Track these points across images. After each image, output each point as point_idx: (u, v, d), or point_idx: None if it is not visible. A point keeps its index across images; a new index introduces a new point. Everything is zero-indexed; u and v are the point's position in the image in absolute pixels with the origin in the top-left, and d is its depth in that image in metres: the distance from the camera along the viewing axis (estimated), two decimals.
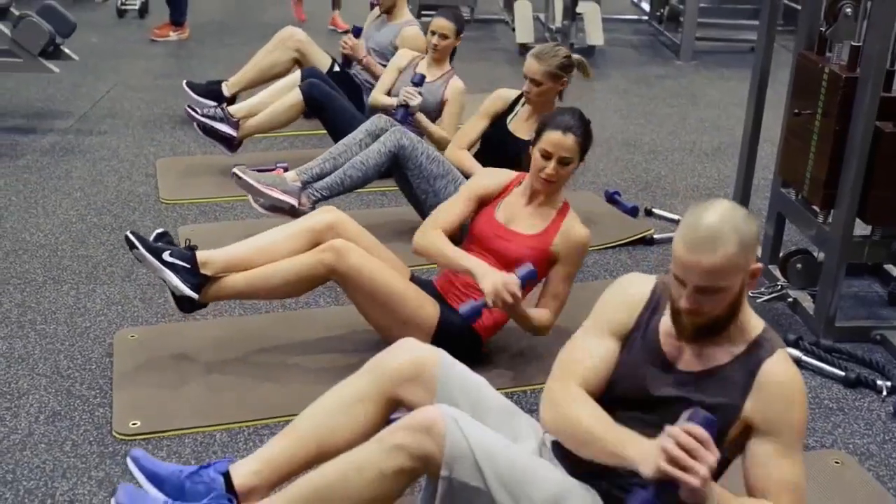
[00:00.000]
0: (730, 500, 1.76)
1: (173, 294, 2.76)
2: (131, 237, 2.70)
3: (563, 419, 1.83)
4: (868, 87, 2.88)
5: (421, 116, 4.07)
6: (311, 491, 1.87)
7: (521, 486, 1.81)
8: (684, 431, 1.62)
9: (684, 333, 1.83)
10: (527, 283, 2.65)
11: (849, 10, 2.98)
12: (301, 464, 2.05)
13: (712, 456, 1.62)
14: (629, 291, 1.96)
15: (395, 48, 4.56)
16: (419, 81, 4.07)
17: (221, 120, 4.26)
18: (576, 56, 3.60)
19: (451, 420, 1.81)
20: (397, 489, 1.86)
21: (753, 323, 1.87)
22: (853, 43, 2.99)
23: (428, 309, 2.76)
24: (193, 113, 4.25)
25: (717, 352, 1.84)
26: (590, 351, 1.92)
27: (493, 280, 2.60)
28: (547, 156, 2.75)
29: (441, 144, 3.98)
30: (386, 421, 2.03)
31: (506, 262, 2.76)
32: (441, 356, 2.07)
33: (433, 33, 4.14)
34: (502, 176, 2.97)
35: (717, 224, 1.71)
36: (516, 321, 2.78)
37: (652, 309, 1.92)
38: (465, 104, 4.15)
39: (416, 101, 3.99)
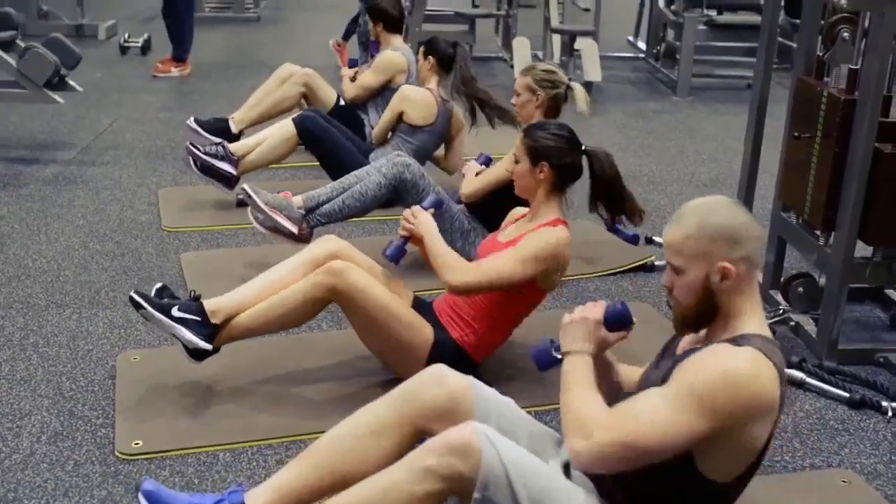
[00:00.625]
0: (578, 368, 1.85)
1: (185, 347, 2.72)
2: (136, 297, 2.66)
3: None
4: (867, 109, 2.91)
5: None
6: None
7: None
8: None
9: (673, 323, 1.89)
10: (437, 207, 2.93)
11: (846, 34, 3.02)
12: (318, 493, 1.99)
13: (591, 311, 1.92)
14: None
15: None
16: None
17: (222, 158, 4.26)
18: (573, 83, 3.62)
19: (485, 439, 1.78)
20: None
21: (749, 327, 1.82)
22: (851, 66, 3.03)
23: (423, 332, 2.77)
24: (195, 150, 4.22)
25: (701, 344, 1.87)
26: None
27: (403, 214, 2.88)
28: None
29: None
30: (411, 447, 1.95)
31: None
32: (473, 383, 2.05)
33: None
34: (519, 211, 3.04)
35: (692, 206, 1.83)
36: (430, 259, 2.79)
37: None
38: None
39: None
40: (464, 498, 1.79)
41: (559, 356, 1.95)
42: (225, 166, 4.26)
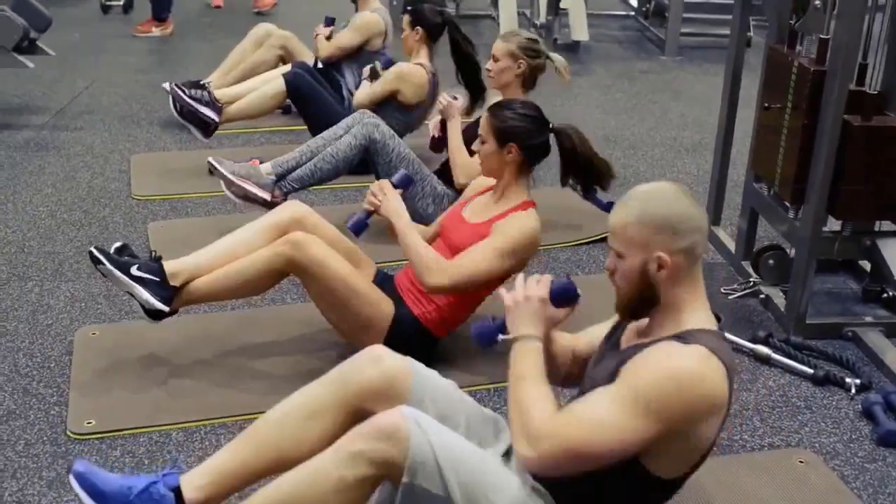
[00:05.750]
0: (528, 355, 1.81)
1: (143, 307, 2.70)
2: (96, 252, 2.63)
3: None
4: (836, 81, 2.84)
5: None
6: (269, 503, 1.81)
7: (484, 492, 1.77)
8: None
9: (616, 307, 1.86)
10: (406, 184, 2.81)
11: (818, 2, 2.94)
12: (256, 475, 1.97)
13: (536, 290, 1.87)
14: None
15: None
16: (385, 64, 4.18)
17: (207, 104, 4.22)
18: (554, 54, 3.55)
19: (414, 424, 1.75)
20: (359, 498, 1.80)
21: (694, 322, 1.77)
22: (822, 36, 2.95)
23: (382, 307, 2.73)
24: (181, 92, 4.17)
25: (646, 338, 1.81)
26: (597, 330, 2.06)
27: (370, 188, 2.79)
28: None
29: None
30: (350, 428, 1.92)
31: (452, 249, 2.76)
32: (414, 367, 2.01)
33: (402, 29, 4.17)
34: (485, 182, 2.96)
35: (637, 192, 1.79)
36: (403, 250, 2.70)
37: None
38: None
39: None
40: (394, 481, 1.77)
41: (503, 338, 1.90)
42: (208, 112, 4.21)
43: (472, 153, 3.45)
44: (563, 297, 1.90)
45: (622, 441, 1.65)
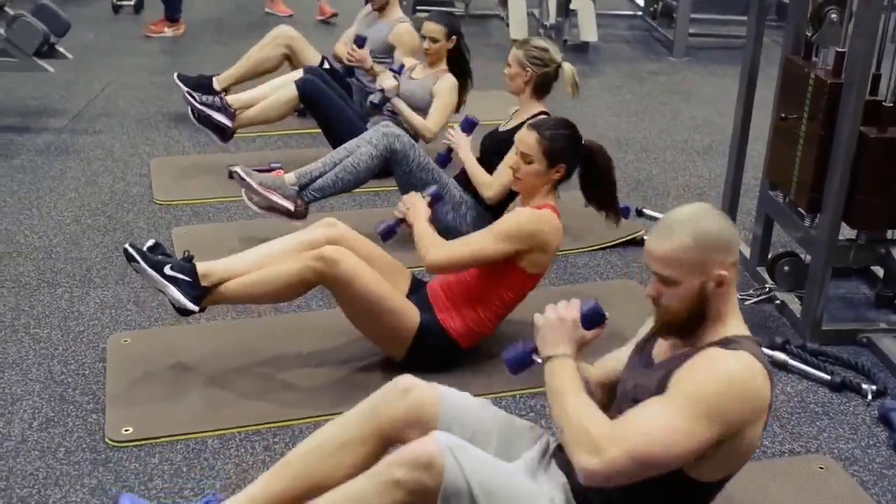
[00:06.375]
0: (565, 372, 1.82)
1: (173, 304, 2.77)
2: (130, 250, 2.70)
3: None
4: (853, 93, 2.90)
5: (398, 101, 4.06)
6: None
7: None
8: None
9: (655, 326, 1.89)
10: (436, 199, 3.03)
11: (834, 15, 3.00)
12: (290, 503, 2.03)
13: (567, 311, 1.88)
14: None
15: (390, 46, 4.57)
16: (398, 70, 4.14)
17: (219, 109, 4.29)
18: (566, 65, 3.59)
19: (448, 453, 1.81)
20: None
21: (733, 329, 1.85)
22: (838, 49, 3.01)
23: (409, 317, 2.81)
24: (192, 99, 4.26)
25: (687, 348, 1.87)
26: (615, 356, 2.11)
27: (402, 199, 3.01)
28: (516, 151, 2.86)
29: (420, 133, 4.04)
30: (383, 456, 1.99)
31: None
32: (441, 393, 2.06)
33: (423, 37, 4.16)
34: None
35: (680, 217, 1.81)
36: (416, 242, 2.88)
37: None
38: (454, 99, 4.13)
39: (389, 83, 4.04)
40: None
41: (539, 360, 1.94)
42: (221, 118, 4.29)
43: (483, 165, 3.55)
44: (593, 318, 1.95)
45: (685, 445, 1.70)
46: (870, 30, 2.85)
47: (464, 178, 3.69)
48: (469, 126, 3.68)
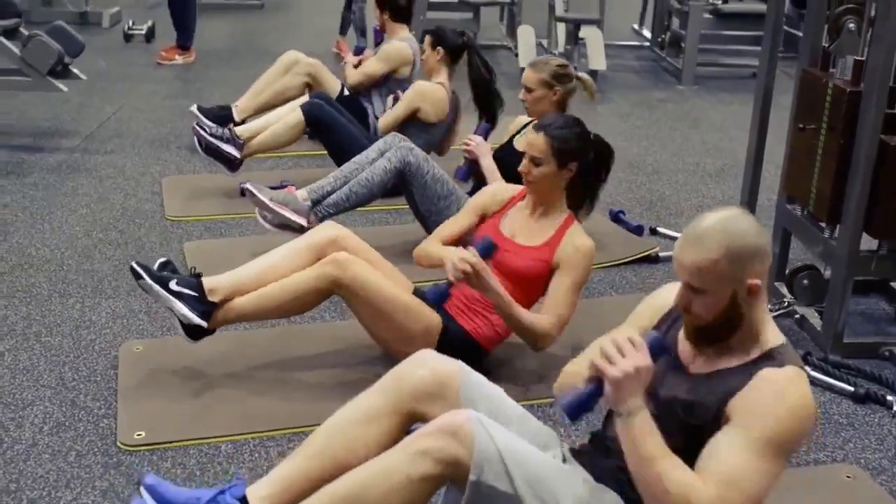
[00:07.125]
0: (646, 428, 1.70)
1: (181, 322, 2.73)
2: (136, 268, 2.68)
3: None
4: (872, 101, 2.89)
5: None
6: (334, 501, 1.83)
7: (549, 489, 1.79)
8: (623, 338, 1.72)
9: (686, 334, 1.84)
10: (489, 254, 2.65)
11: (852, 25, 3.00)
12: (317, 483, 1.96)
13: (641, 358, 1.70)
14: (657, 296, 2.02)
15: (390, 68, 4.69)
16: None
17: (228, 141, 4.28)
18: (582, 74, 3.63)
19: (478, 423, 1.78)
20: (424, 496, 1.81)
21: (771, 337, 1.81)
22: (857, 58, 3.01)
23: (429, 320, 2.76)
24: (202, 131, 4.26)
25: (728, 359, 1.82)
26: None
27: (449, 257, 2.60)
28: (524, 154, 2.80)
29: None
30: (406, 434, 1.96)
31: (509, 275, 2.76)
32: (461, 367, 2.04)
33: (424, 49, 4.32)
34: (506, 191, 3.01)
35: (711, 226, 1.73)
36: (506, 320, 2.70)
37: (674, 318, 1.92)
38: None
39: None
40: (459, 482, 1.79)
41: (617, 413, 1.74)
42: (229, 149, 4.27)
43: (504, 175, 3.52)
44: (660, 352, 1.82)
45: (771, 486, 1.70)
46: (889, 38, 2.84)
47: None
48: (486, 132, 3.67)
